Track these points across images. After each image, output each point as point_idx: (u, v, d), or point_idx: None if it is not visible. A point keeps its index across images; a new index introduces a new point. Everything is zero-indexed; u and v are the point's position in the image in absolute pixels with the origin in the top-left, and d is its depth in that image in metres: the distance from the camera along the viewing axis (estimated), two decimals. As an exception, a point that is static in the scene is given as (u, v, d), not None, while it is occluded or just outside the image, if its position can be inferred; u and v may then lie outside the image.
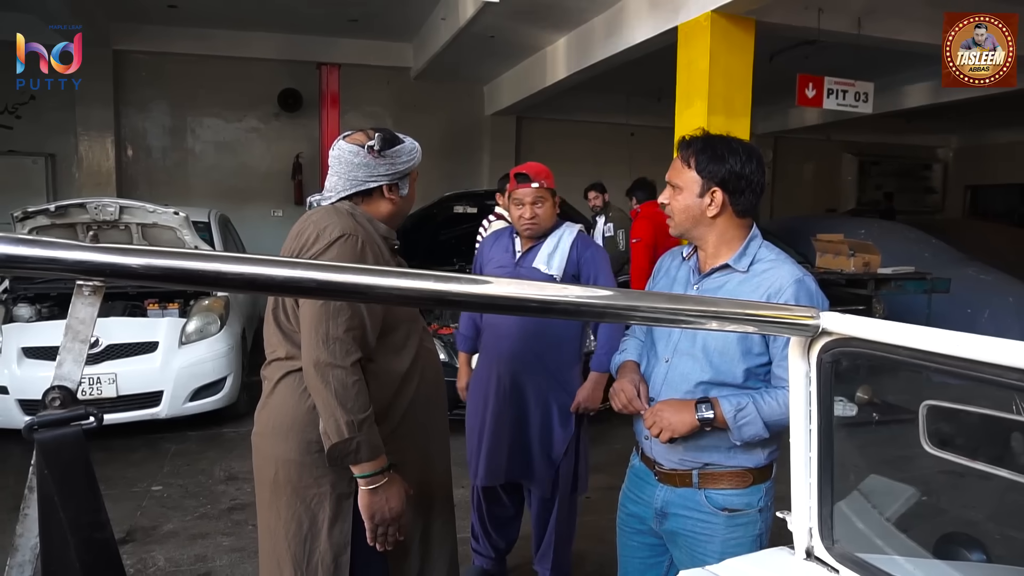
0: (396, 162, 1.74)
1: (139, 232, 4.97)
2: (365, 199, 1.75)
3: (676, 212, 1.72)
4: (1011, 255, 7.51)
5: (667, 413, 1.64)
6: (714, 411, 1.61)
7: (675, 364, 1.71)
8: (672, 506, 1.73)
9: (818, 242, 6.02)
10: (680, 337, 1.71)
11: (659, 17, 5.84)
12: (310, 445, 1.64)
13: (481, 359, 2.75)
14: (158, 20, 8.73)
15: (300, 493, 1.67)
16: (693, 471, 1.69)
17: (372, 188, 1.74)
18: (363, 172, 1.71)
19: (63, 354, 0.84)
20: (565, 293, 1.05)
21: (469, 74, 10.00)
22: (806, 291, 1.62)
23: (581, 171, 9.15)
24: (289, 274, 0.84)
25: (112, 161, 9.36)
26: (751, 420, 1.60)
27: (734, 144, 1.69)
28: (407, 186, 1.79)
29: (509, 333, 2.62)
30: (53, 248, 0.77)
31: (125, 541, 3.28)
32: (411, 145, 1.79)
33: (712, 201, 1.67)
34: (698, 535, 1.70)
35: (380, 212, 1.77)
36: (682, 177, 1.70)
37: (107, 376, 4.36)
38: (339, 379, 1.53)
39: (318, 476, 1.66)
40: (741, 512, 1.68)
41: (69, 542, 0.83)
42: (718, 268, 1.71)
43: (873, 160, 14.31)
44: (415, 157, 1.79)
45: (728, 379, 1.65)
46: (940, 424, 1.26)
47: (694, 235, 1.73)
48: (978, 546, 1.35)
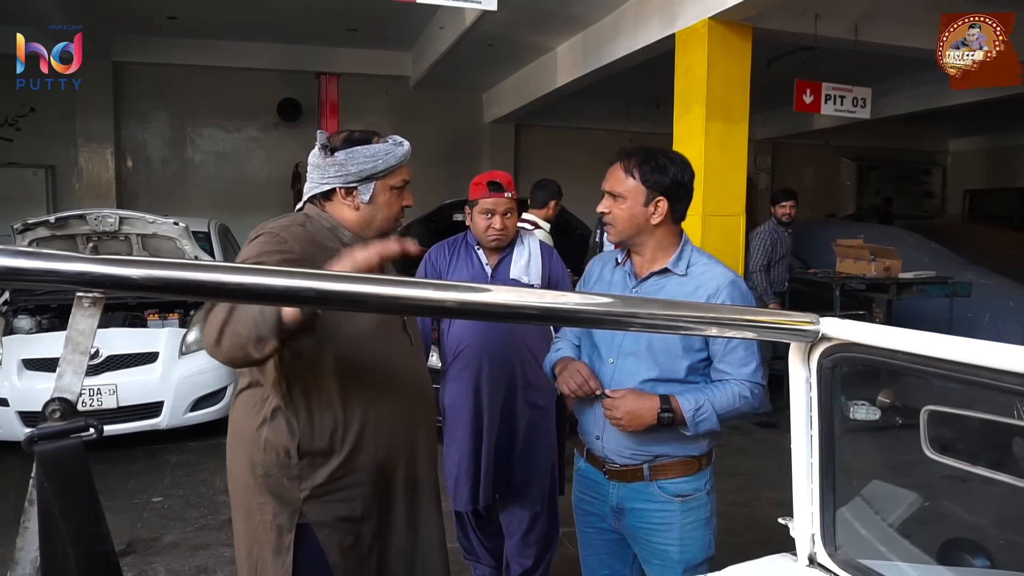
0: (348, 163, 1.57)
1: (139, 243, 4.98)
2: (326, 203, 1.63)
3: (620, 221, 1.77)
4: (1011, 259, 7.50)
5: (629, 401, 1.69)
6: (673, 412, 1.68)
7: (620, 364, 1.78)
8: (627, 501, 1.79)
9: (838, 247, 6.03)
10: (624, 338, 1.78)
11: (657, 24, 5.85)
12: (254, 467, 1.55)
13: (459, 374, 2.55)
14: (158, 32, 8.76)
15: (248, 515, 1.59)
16: (644, 464, 1.76)
17: (329, 191, 1.61)
18: (316, 173, 1.61)
19: (63, 366, 0.84)
20: (564, 300, 1.05)
21: (468, 82, 10.03)
22: (739, 291, 1.74)
23: (580, 178, 9.15)
24: (289, 283, 0.84)
25: (112, 172, 9.37)
26: (707, 417, 1.69)
27: (671, 154, 1.79)
28: (370, 192, 1.59)
29: (488, 343, 2.49)
30: (53, 260, 0.78)
31: (126, 553, 3.27)
32: (376, 149, 1.59)
33: (656, 210, 1.75)
34: (656, 525, 1.77)
35: (344, 218, 1.62)
36: (624, 186, 1.75)
37: (107, 387, 4.36)
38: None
39: (260, 503, 1.56)
40: (692, 496, 1.77)
41: (70, 555, 0.83)
42: (656, 272, 1.79)
43: (872, 165, 14.32)
44: (380, 162, 1.58)
45: (671, 375, 1.74)
46: (941, 429, 1.26)
47: (635, 242, 1.79)
48: (982, 552, 1.35)
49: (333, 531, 1.56)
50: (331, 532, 1.56)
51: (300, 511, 1.53)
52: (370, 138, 1.61)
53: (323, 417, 1.53)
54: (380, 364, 1.61)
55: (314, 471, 1.53)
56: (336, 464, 1.54)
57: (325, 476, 1.54)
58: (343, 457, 1.55)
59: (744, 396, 1.71)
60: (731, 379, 1.73)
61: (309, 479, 1.53)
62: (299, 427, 1.52)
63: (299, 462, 1.52)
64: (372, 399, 1.59)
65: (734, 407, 1.72)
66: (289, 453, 1.52)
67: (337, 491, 1.55)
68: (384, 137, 1.64)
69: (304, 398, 1.53)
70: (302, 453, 1.52)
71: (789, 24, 5.65)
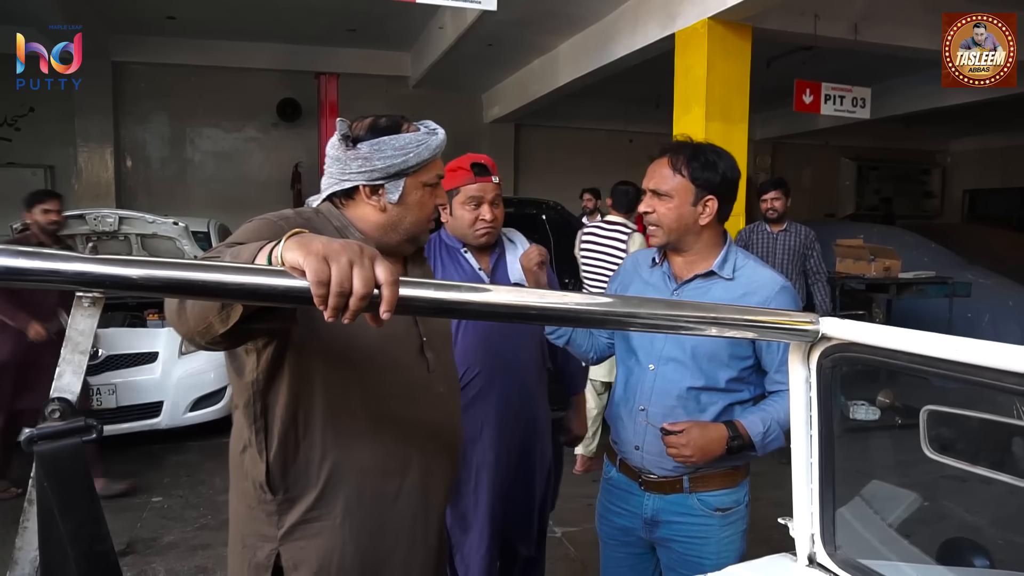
0: (373, 157, 1.31)
1: (138, 243, 4.99)
2: (347, 202, 1.37)
3: (667, 221, 1.64)
4: (1010, 259, 7.52)
5: (696, 436, 1.58)
6: (742, 439, 1.60)
7: (661, 371, 1.68)
8: (664, 514, 1.70)
9: (838, 247, 6.04)
10: (666, 343, 1.68)
11: (656, 24, 5.86)
12: (242, 495, 1.34)
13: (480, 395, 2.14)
14: (157, 32, 8.76)
15: (233, 537, 1.38)
16: (684, 477, 1.67)
17: (350, 188, 1.35)
18: (336, 167, 1.35)
19: (63, 366, 0.83)
20: (565, 300, 1.04)
21: (467, 82, 10.03)
22: (791, 298, 1.64)
23: (580, 178, 9.17)
24: (291, 284, 0.83)
25: (111, 172, 9.38)
26: (776, 437, 1.60)
27: (719, 150, 1.67)
28: (399, 191, 1.34)
29: (525, 367, 2.15)
30: (53, 260, 0.77)
31: (125, 553, 3.27)
32: (407, 139, 1.33)
33: (706, 210, 1.63)
34: (693, 539, 1.68)
35: (367, 220, 1.36)
36: (670, 184, 1.63)
37: (107, 387, 4.35)
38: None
39: (244, 533, 1.34)
40: (732, 510, 1.69)
41: (69, 555, 0.83)
42: (701, 275, 1.67)
43: (872, 165, 14.33)
44: (411, 155, 1.32)
45: (717, 384, 1.65)
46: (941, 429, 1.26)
47: (680, 244, 1.67)
48: (982, 552, 1.35)
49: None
50: None
51: (277, 552, 1.30)
52: (399, 125, 1.35)
53: (296, 451, 1.28)
54: (374, 393, 1.31)
55: (289, 509, 1.29)
56: (305, 507, 1.29)
57: (296, 518, 1.29)
58: (311, 501, 1.29)
59: None
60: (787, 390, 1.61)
61: (286, 515, 1.30)
62: (270, 457, 1.27)
63: (272, 498, 1.28)
64: (352, 441, 1.29)
65: None
66: (262, 486, 1.28)
67: (312, 536, 1.29)
68: (414, 123, 1.37)
69: (278, 423, 1.27)
70: (273, 489, 1.28)
71: (789, 24, 5.66)
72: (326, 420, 1.27)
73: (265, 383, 1.25)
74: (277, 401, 1.25)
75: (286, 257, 0.84)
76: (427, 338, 1.41)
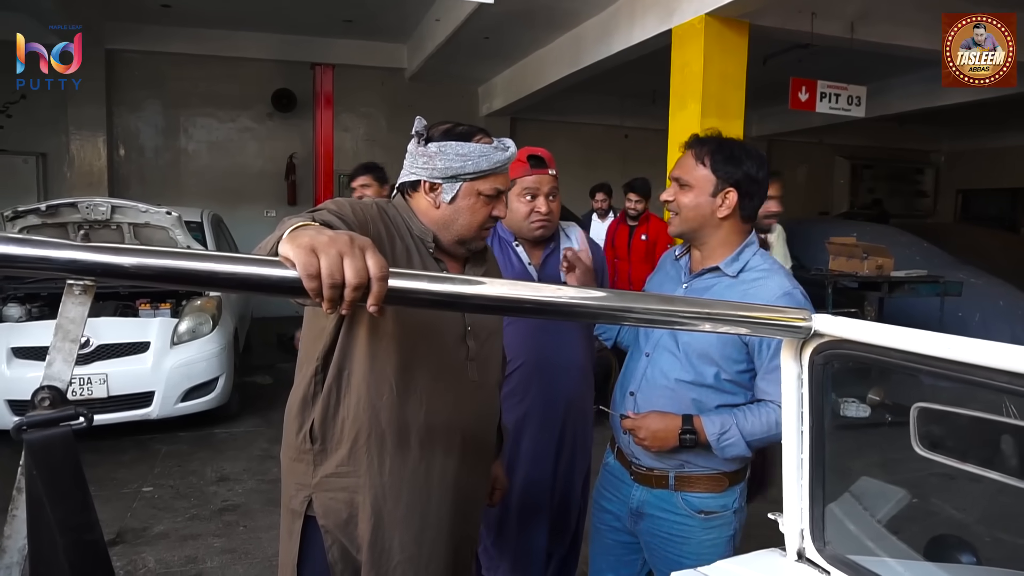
0: (436, 158, 1.46)
1: (131, 232, 4.95)
2: (412, 193, 1.53)
3: (684, 209, 1.66)
4: (1001, 259, 7.56)
5: (652, 421, 1.63)
6: (696, 434, 1.61)
7: (655, 358, 1.71)
8: (648, 507, 1.73)
9: (831, 245, 6.06)
10: (663, 332, 1.70)
11: (653, 20, 5.85)
12: (288, 448, 1.50)
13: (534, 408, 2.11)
14: (151, 20, 8.69)
15: (284, 492, 1.54)
16: (670, 472, 1.69)
17: (415, 181, 1.51)
18: (408, 161, 1.52)
19: (53, 354, 0.83)
20: (559, 294, 1.04)
21: (463, 75, 9.99)
22: (795, 304, 1.59)
23: (575, 173, 9.16)
24: (283, 274, 0.83)
25: (104, 160, 9.30)
26: (734, 442, 1.61)
27: (747, 147, 1.68)
28: (453, 193, 1.47)
29: (568, 365, 2.12)
30: (44, 247, 0.77)
31: (115, 543, 3.27)
32: (471, 148, 1.45)
33: (724, 202, 1.64)
34: (673, 536, 1.70)
35: (425, 214, 1.51)
36: (693, 174, 1.65)
37: (98, 376, 4.34)
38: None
39: (288, 483, 1.50)
40: (717, 514, 1.69)
41: (58, 543, 0.83)
42: (708, 270, 1.69)
43: (866, 164, 14.37)
44: (470, 163, 1.45)
45: (705, 380, 1.66)
46: (931, 426, 1.27)
47: (697, 235, 1.69)
48: (968, 548, 1.36)
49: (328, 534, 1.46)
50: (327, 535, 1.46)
51: (309, 499, 1.45)
52: (472, 135, 1.48)
53: (336, 408, 1.44)
54: (408, 368, 1.43)
55: (324, 460, 1.45)
56: (336, 461, 1.44)
57: (329, 470, 1.44)
58: (341, 457, 1.44)
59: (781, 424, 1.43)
60: (771, 403, 1.59)
61: (320, 466, 1.45)
62: (317, 408, 1.44)
63: (311, 447, 1.44)
64: (379, 410, 1.43)
65: (768, 434, 1.58)
66: (308, 434, 1.45)
67: (339, 490, 1.44)
68: (491, 138, 1.51)
69: (329, 378, 1.43)
70: (313, 438, 1.44)
71: (785, 21, 5.66)
72: (360, 384, 1.41)
73: (331, 341, 1.41)
74: (332, 359, 1.42)
75: (281, 249, 0.86)
76: (471, 327, 1.53)
